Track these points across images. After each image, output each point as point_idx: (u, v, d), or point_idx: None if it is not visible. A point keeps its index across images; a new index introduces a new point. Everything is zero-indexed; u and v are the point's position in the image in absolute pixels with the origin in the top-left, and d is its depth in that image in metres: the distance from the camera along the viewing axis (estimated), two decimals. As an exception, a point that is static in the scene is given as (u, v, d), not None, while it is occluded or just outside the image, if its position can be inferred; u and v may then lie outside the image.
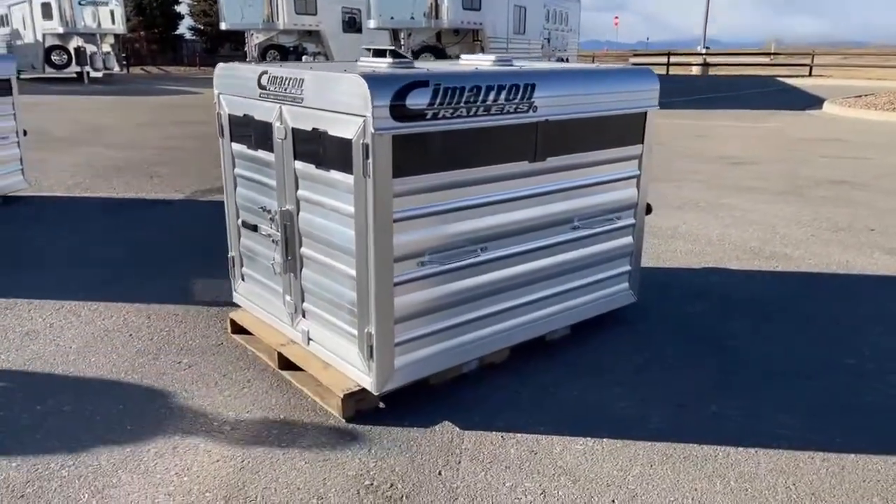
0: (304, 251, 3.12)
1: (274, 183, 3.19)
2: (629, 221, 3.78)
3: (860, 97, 17.69)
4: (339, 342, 3.02)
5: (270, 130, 3.11)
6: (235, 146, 3.45)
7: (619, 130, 3.55)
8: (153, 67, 35.49)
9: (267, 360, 3.45)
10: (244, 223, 3.51)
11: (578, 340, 3.68)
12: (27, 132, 6.88)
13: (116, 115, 14.56)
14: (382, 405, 3.05)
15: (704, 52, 37.54)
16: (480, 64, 3.47)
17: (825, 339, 3.82)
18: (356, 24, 23.79)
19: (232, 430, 2.89)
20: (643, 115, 3.63)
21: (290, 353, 3.28)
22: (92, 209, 6.62)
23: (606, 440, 2.83)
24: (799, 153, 10.13)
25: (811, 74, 29.95)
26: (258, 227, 3.39)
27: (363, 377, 2.90)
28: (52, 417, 2.96)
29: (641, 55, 44.16)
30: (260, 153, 3.25)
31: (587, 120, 3.35)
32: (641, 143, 3.68)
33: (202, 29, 42.46)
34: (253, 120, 3.23)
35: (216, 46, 40.46)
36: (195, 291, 4.43)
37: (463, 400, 3.12)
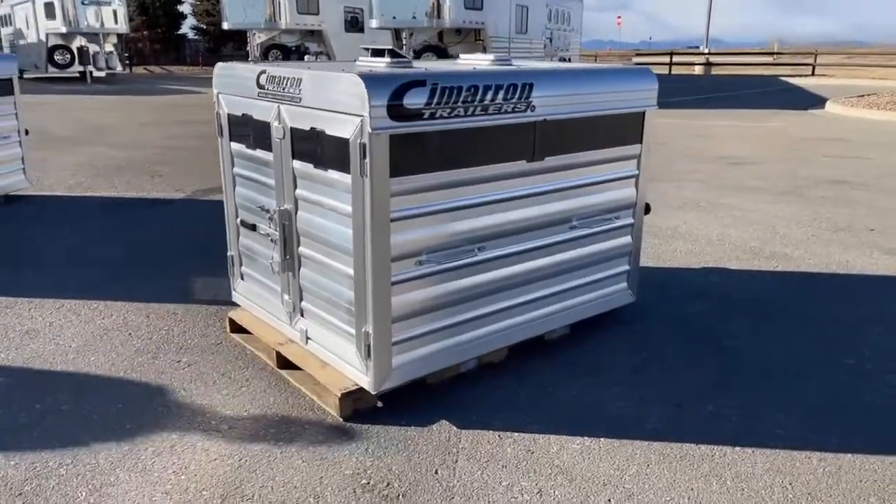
0: (302, 250, 3.13)
1: (272, 182, 3.19)
2: (628, 221, 3.78)
3: (863, 97, 17.66)
4: (336, 341, 3.03)
5: (269, 130, 3.12)
6: (234, 145, 3.46)
7: (617, 130, 3.55)
8: (156, 67, 35.56)
9: (265, 358, 3.46)
10: (243, 222, 3.51)
11: (577, 340, 3.68)
12: (29, 131, 6.90)
13: (119, 114, 14.59)
14: (380, 404, 3.05)
15: (707, 51, 37.50)
16: (478, 63, 3.48)
17: (825, 339, 3.82)
18: (358, 23, 23.80)
19: (230, 428, 2.89)
20: (641, 114, 3.63)
21: (288, 352, 3.29)
22: (93, 208, 6.64)
23: (604, 440, 2.83)
24: (800, 153, 10.11)
25: (814, 74, 29.91)
26: (257, 226, 3.39)
27: (361, 376, 2.90)
28: (50, 416, 2.98)
29: (644, 55, 44.14)
30: (258, 152, 3.26)
31: (585, 119, 3.35)
32: (640, 142, 3.68)
33: (205, 28, 42.56)
34: (251, 119, 3.24)
35: (219, 46, 40.54)
36: (195, 290, 4.43)
37: (461, 399, 3.12)
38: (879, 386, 3.29)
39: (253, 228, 3.43)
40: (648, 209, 3.87)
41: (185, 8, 42.71)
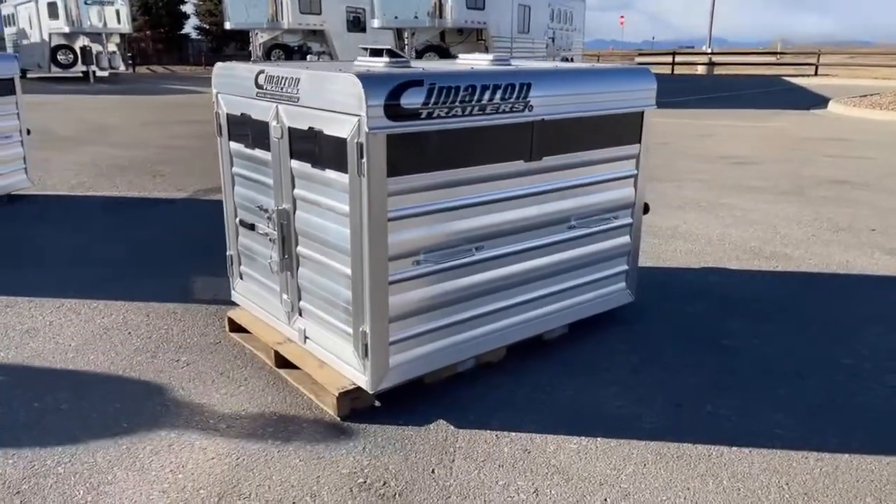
0: (300, 250, 3.13)
1: (271, 182, 3.20)
2: (626, 221, 3.78)
3: (865, 97, 17.62)
4: (334, 340, 3.03)
5: (267, 129, 3.12)
6: (233, 145, 3.47)
7: (615, 130, 3.55)
8: (159, 67, 35.63)
9: (264, 358, 3.47)
10: (242, 222, 3.52)
11: (575, 340, 3.68)
12: (30, 131, 6.91)
13: (121, 114, 14.62)
14: (378, 403, 3.06)
15: (710, 51, 37.46)
16: (477, 63, 3.48)
17: (824, 339, 3.81)
18: (361, 23, 23.83)
19: (228, 427, 2.90)
20: (640, 114, 3.63)
21: (286, 351, 3.30)
22: (94, 208, 6.65)
23: (601, 439, 2.84)
24: (802, 153, 10.10)
25: (817, 74, 29.87)
26: (256, 225, 3.40)
27: (358, 375, 2.91)
28: (49, 414, 2.99)
29: (647, 55, 44.10)
30: (257, 152, 3.27)
31: (583, 119, 3.35)
32: (639, 142, 3.68)
33: (207, 28, 42.63)
34: (250, 119, 3.25)
35: (221, 46, 40.62)
36: (195, 290, 4.45)
37: (458, 399, 3.13)
38: (878, 386, 3.29)
39: (252, 228, 3.44)
40: (647, 209, 3.87)
41: (187, 8, 42.83)
